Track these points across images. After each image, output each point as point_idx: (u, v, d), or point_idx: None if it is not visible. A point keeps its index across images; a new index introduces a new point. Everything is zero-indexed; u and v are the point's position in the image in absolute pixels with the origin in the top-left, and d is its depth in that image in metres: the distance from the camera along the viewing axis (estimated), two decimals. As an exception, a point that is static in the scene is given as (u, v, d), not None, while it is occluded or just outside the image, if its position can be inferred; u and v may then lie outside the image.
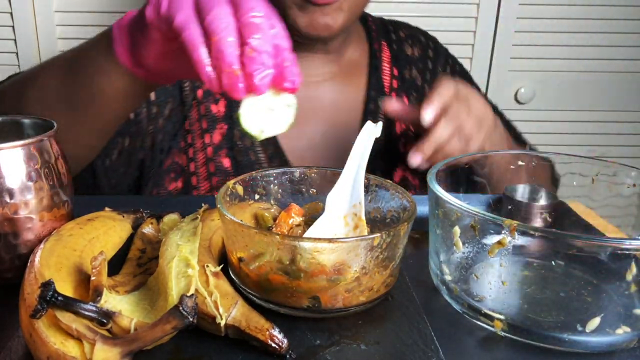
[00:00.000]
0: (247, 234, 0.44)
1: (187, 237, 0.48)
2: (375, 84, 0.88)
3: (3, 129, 0.54)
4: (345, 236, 0.52)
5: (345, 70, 0.87)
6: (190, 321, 0.37)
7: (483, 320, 0.45)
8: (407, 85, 0.90)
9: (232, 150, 0.83)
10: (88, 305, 0.38)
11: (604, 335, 0.42)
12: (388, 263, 0.45)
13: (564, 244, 0.42)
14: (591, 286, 0.49)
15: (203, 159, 0.83)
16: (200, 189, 0.83)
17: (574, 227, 0.59)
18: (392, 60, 0.90)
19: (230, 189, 0.51)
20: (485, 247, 0.44)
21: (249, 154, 0.83)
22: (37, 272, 0.42)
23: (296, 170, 0.56)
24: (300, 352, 0.41)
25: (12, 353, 0.40)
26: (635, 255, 0.40)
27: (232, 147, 0.83)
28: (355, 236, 0.51)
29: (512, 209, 0.60)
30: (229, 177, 0.82)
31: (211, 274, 0.44)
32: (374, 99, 0.87)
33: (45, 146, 0.48)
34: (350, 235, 0.52)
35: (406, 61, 0.91)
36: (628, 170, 0.54)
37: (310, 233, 0.51)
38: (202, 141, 0.83)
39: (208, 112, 0.83)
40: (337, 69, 0.86)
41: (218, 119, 0.83)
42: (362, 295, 0.45)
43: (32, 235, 0.48)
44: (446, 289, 0.48)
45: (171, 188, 0.84)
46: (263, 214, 0.54)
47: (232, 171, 0.83)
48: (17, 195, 0.46)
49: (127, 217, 0.56)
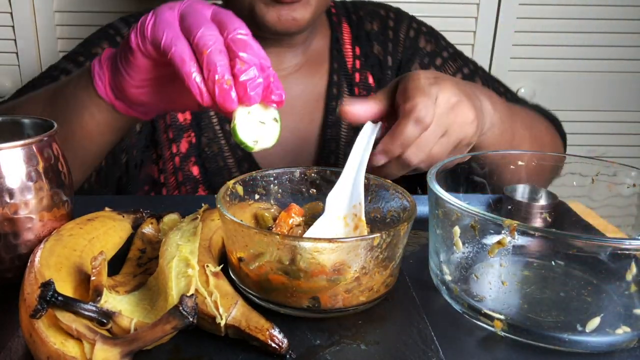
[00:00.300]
0: (247, 234, 0.44)
1: (187, 237, 0.48)
2: (337, 68, 0.88)
3: (3, 129, 0.54)
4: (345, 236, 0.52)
5: (311, 60, 0.87)
6: (190, 321, 0.37)
7: (483, 320, 0.45)
8: (370, 63, 0.90)
9: (200, 157, 0.83)
10: (88, 305, 0.38)
11: (604, 335, 0.42)
12: (388, 263, 0.45)
13: (564, 244, 0.42)
14: (591, 286, 0.49)
15: (172, 168, 0.83)
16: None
17: (574, 227, 0.59)
18: (353, 41, 0.90)
19: (230, 189, 0.51)
20: (485, 247, 0.44)
21: (218, 160, 0.83)
22: (37, 272, 0.42)
23: (296, 170, 0.56)
24: (300, 352, 0.41)
25: (12, 353, 0.40)
26: (635, 255, 0.40)
27: (200, 155, 0.83)
28: (355, 236, 0.51)
29: (512, 209, 0.60)
30: (199, 185, 0.83)
31: (211, 274, 0.44)
32: (337, 84, 0.87)
33: (45, 146, 0.48)
34: (350, 235, 0.52)
35: (367, 38, 0.91)
36: (628, 170, 0.54)
37: (311, 233, 0.51)
38: (170, 151, 0.83)
39: (174, 122, 0.83)
40: (302, 61, 0.86)
41: (185, 127, 0.83)
42: (362, 295, 0.45)
43: (32, 235, 0.48)
44: (446, 289, 0.48)
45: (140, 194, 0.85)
46: (263, 214, 0.54)
47: (200, 179, 0.83)
48: (17, 195, 0.46)
49: (127, 217, 0.56)
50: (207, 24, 0.50)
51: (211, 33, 0.49)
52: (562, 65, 1.31)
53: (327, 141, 0.85)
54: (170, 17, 0.52)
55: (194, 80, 0.49)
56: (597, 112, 1.36)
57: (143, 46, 0.52)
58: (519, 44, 1.28)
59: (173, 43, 0.49)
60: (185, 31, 0.50)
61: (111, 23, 0.89)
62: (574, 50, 1.30)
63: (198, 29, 0.49)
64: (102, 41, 0.85)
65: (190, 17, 0.51)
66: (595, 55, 1.30)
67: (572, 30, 1.28)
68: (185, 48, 0.49)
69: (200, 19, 0.50)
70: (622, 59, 1.31)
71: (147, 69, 0.55)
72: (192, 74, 0.49)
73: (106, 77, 0.58)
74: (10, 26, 1.19)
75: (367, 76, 0.89)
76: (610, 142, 1.38)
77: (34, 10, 1.18)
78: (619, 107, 1.35)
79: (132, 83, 0.56)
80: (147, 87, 0.57)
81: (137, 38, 0.52)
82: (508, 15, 1.24)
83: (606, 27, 1.28)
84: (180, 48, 0.49)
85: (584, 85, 1.33)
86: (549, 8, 1.25)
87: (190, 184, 0.83)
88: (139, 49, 0.53)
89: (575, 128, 1.37)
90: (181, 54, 0.49)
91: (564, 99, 1.34)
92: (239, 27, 0.50)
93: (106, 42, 0.85)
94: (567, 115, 1.35)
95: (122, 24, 0.88)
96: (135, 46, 0.53)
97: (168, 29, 0.50)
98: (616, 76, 1.33)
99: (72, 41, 1.20)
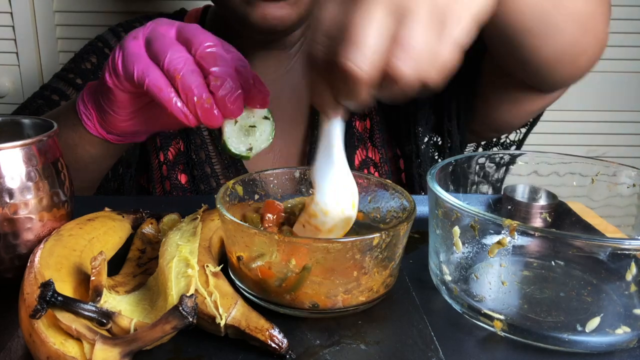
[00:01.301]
0: (247, 234, 0.44)
1: (187, 237, 0.48)
2: None
3: (3, 129, 0.54)
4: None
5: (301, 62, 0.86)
6: (190, 321, 0.37)
7: (483, 320, 0.45)
8: None
9: (187, 165, 0.83)
10: (88, 306, 0.38)
11: (604, 335, 0.42)
12: (388, 263, 0.45)
13: (564, 244, 0.42)
14: (591, 286, 0.49)
15: (159, 177, 0.83)
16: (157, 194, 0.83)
17: (574, 227, 0.59)
18: None
19: (230, 189, 0.51)
20: (485, 247, 0.44)
21: (205, 167, 0.82)
22: (37, 272, 0.42)
23: (296, 170, 0.56)
24: (300, 352, 0.41)
25: (11, 353, 0.40)
26: (635, 255, 0.40)
27: (188, 162, 0.83)
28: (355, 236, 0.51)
29: (512, 209, 0.60)
30: (186, 193, 0.82)
31: (211, 274, 0.44)
32: None
33: (45, 146, 0.48)
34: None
35: None
36: (628, 170, 0.54)
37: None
38: (157, 160, 0.83)
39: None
40: (292, 63, 0.85)
41: (173, 134, 0.83)
42: (362, 295, 0.45)
43: (32, 235, 0.48)
44: (446, 289, 0.48)
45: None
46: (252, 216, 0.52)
47: (188, 187, 0.82)
48: (17, 195, 0.46)
49: (127, 217, 0.56)
50: (173, 46, 0.49)
51: (179, 55, 0.49)
52: (562, 65, 1.31)
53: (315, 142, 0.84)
54: (136, 47, 0.51)
55: (175, 105, 0.49)
56: (597, 112, 1.35)
57: (119, 83, 0.53)
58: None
59: (145, 74, 0.49)
60: (154, 58, 0.50)
61: (100, 35, 0.89)
62: (574, 50, 1.29)
63: (165, 54, 0.49)
64: (90, 55, 0.86)
65: (156, 42, 0.50)
66: (595, 55, 1.30)
67: (572, 30, 1.28)
68: (158, 76, 0.49)
69: (165, 42, 0.50)
70: (622, 59, 1.31)
71: (129, 103, 0.55)
72: (172, 100, 0.49)
73: (94, 116, 0.59)
74: (10, 26, 1.19)
75: None
76: (610, 142, 1.38)
77: (34, 10, 1.18)
78: (619, 107, 1.35)
79: (120, 118, 0.57)
80: (134, 119, 0.58)
81: (111, 77, 0.53)
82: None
83: (606, 27, 1.28)
84: (154, 77, 0.49)
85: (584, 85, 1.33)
86: (549, 8, 1.25)
87: (178, 193, 0.82)
88: (115, 86, 0.53)
89: (576, 128, 1.37)
90: (155, 82, 0.49)
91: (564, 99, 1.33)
92: (204, 40, 0.49)
93: (94, 56, 0.86)
94: (567, 115, 1.35)
95: (111, 35, 0.88)
96: (112, 85, 0.53)
97: (137, 61, 0.50)
98: (616, 76, 1.33)
99: (72, 41, 1.20)
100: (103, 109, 0.57)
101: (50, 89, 0.84)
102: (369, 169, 0.83)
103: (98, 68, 0.85)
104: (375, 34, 0.36)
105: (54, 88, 0.84)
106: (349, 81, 0.37)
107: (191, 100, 0.48)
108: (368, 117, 0.85)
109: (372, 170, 0.83)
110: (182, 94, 0.49)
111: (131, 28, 0.87)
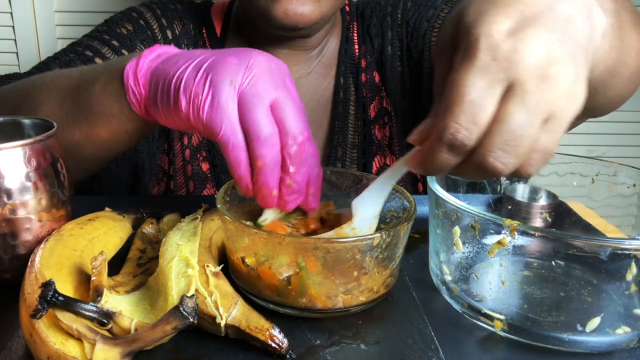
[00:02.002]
0: (247, 234, 0.44)
1: (187, 237, 0.48)
2: (345, 70, 0.85)
3: (3, 129, 0.54)
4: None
5: (322, 62, 0.86)
6: (190, 322, 0.37)
7: (483, 320, 0.45)
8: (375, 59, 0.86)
9: (210, 153, 0.82)
10: (88, 306, 0.38)
11: (604, 335, 0.42)
12: (388, 263, 0.45)
13: (564, 244, 0.42)
14: (591, 286, 0.49)
15: (181, 161, 0.82)
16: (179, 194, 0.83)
17: (574, 227, 0.59)
18: (359, 39, 0.87)
19: (230, 189, 0.51)
20: (485, 247, 0.44)
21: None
22: (38, 272, 0.42)
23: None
24: (300, 352, 0.41)
25: (12, 353, 0.40)
26: (635, 255, 0.40)
27: (210, 150, 0.82)
28: (355, 236, 0.51)
29: (512, 209, 0.60)
30: (207, 182, 0.82)
31: (211, 274, 0.44)
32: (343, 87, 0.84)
33: (45, 146, 0.48)
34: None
35: (368, 34, 0.87)
36: (628, 170, 0.54)
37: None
38: (180, 143, 0.82)
39: None
40: (315, 65, 0.85)
41: None
42: (362, 295, 0.45)
43: (31, 236, 0.48)
44: (446, 289, 0.48)
45: (154, 191, 0.84)
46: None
47: (209, 175, 0.82)
48: (16, 195, 0.46)
49: (127, 217, 0.56)
50: (267, 126, 0.45)
51: (271, 143, 0.46)
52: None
53: (334, 147, 0.84)
54: (229, 101, 0.46)
55: (244, 182, 0.47)
56: (597, 112, 1.35)
57: (195, 122, 0.48)
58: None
59: (229, 142, 0.46)
60: (243, 123, 0.46)
61: (132, 7, 0.86)
62: (574, 50, 1.29)
63: (258, 135, 0.45)
64: (125, 22, 0.83)
65: (252, 112, 0.46)
66: (595, 55, 1.30)
67: (572, 30, 1.27)
68: (242, 151, 0.46)
69: (261, 117, 0.46)
70: (622, 59, 1.31)
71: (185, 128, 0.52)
72: (243, 178, 0.47)
73: (142, 98, 0.54)
74: (10, 26, 1.19)
75: (373, 75, 0.86)
76: (610, 142, 1.38)
77: (34, 10, 1.18)
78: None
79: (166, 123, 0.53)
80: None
81: (189, 111, 0.47)
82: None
83: (606, 27, 1.27)
84: (237, 151, 0.46)
85: (583, 85, 1.33)
86: (548, 8, 1.25)
87: (199, 180, 0.82)
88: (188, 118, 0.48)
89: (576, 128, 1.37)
90: (237, 156, 0.46)
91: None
92: (298, 132, 0.47)
93: (130, 24, 0.83)
94: (567, 115, 1.35)
95: (145, 9, 0.85)
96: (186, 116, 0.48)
97: (226, 120, 0.46)
98: (616, 76, 1.32)
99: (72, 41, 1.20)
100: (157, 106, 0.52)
101: (84, 46, 0.79)
102: None
103: (134, 35, 0.81)
104: (527, 142, 0.36)
105: (87, 45, 0.79)
106: (487, 173, 0.38)
107: (260, 189, 0.47)
108: (388, 125, 0.85)
109: None
110: (255, 179, 0.47)
111: (166, 7, 0.85)
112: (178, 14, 0.86)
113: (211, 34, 0.86)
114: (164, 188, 0.84)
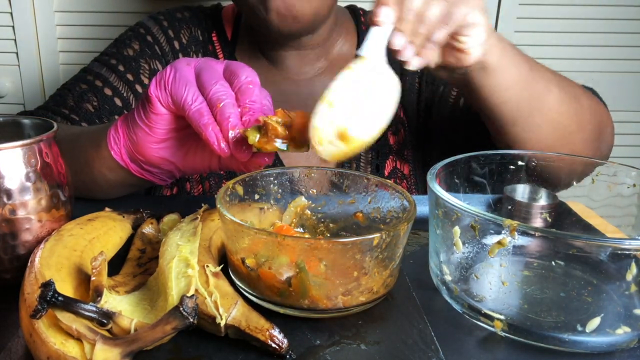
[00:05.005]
0: (247, 234, 0.44)
1: (187, 237, 0.48)
2: None
3: (3, 129, 0.54)
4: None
5: (336, 64, 0.87)
6: (190, 322, 0.37)
7: (483, 320, 0.45)
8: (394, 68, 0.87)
9: None
10: (88, 306, 0.38)
11: (604, 335, 0.42)
12: (388, 263, 0.45)
13: (564, 244, 0.42)
14: (591, 286, 0.49)
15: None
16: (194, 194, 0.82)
17: (574, 227, 0.59)
18: None
19: (230, 189, 0.51)
20: (485, 247, 0.44)
21: None
22: (38, 272, 0.42)
23: (296, 170, 0.56)
24: (300, 352, 0.41)
25: (12, 353, 0.40)
26: (635, 255, 0.40)
27: None
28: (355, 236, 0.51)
29: (512, 209, 0.60)
30: (223, 180, 0.82)
31: (211, 274, 0.44)
32: None
33: (44, 147, 0.48)
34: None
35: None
36: (628, 170, 0.54)
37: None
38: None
39: None
40: (326, 65, 0.86)
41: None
42: (362, 295, 0.45)
43: (31, 236, 0.48)
44: (446, 289, 0.48)
45: (168, 194, 0.84)
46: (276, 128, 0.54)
47: (224, 174, 0.82)
48: (16, 195, 0.46)
49: (127, 217, 0.56)
50: (220, 80, 0.54)
51: (224, 90, 0.54)
52: (562, 65, 1.31)
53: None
54: (189, 74, 0.55)
55: (211, 132, 0.52)
56: (597, 112, 1.35)
57: (163, 99, 0.55)
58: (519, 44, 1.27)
59: (193, 100, 0.54)
60: (200, 87, 0.54)
61: (140, 22, 0.89)
62: (574, 50, 1.29)
63: (212, 86, 0.54)
64: (132, 41, 0.85)
65: (205, 73, 0.55)
66: (595, 55, 1.30)
67: (572, 30, 1.28)
68: (203, 104, 0.53)
69: (214, 75, 0.55)
70: (622, 59, 1.31)
71: (166, 121, 0.57)
72: (209, 125, 0.52)
73: (121, 139, 0.59)
74: (10, 26, 1.19)
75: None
76: (610, 142, 1.38)
77: (34, 10, 1.18)
78: (619, 107, 1.35)
79: (152, 138, 0.57)
80: (166, 142, 0.58)
81: (157, 89, 0.55)
82: (508, 15, 1.24)
83: (606, 27, 1.27)
84: (199, 103, 0.53)
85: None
86: (549, 8, 1.25)
87: (214, 179, 0.82)
88: (159, 100, 0.55)
89: (575, 128, 1.36)
90: (200, 109, 0.53)
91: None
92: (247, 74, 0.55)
93: (136, 42, 0.85)
94: (567, 115, 1.35)
95: (152, 22, 0.87)
96: (155, 98, 0.55)
97: (188, 86, 0.54)
98: (616, 76, 1.33)
99: (72, 41, 1.20)
100: (137, 125, 0.57)
101: (94, 74, 0.83)
102: (397, 179, 0.85)
103: (140, 55, 0.85)
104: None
105: (96, 73, 0.83)
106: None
107: (226, 126, 0.52)
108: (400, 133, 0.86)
109: (399, 181, 0.85)
110: (219, 121, 0.53)
111: (173, 17, 0.87)
112: (185, 22, 0.87)
113: (222, 38, 0.88)
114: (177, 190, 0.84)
